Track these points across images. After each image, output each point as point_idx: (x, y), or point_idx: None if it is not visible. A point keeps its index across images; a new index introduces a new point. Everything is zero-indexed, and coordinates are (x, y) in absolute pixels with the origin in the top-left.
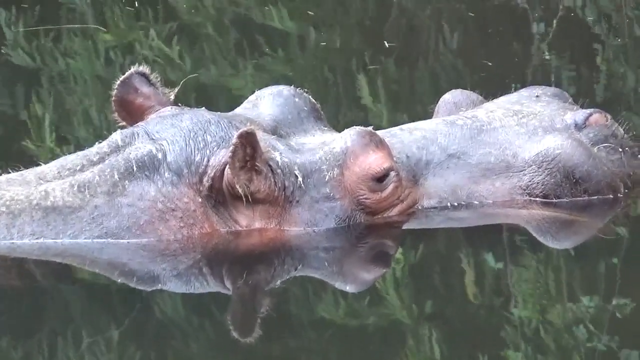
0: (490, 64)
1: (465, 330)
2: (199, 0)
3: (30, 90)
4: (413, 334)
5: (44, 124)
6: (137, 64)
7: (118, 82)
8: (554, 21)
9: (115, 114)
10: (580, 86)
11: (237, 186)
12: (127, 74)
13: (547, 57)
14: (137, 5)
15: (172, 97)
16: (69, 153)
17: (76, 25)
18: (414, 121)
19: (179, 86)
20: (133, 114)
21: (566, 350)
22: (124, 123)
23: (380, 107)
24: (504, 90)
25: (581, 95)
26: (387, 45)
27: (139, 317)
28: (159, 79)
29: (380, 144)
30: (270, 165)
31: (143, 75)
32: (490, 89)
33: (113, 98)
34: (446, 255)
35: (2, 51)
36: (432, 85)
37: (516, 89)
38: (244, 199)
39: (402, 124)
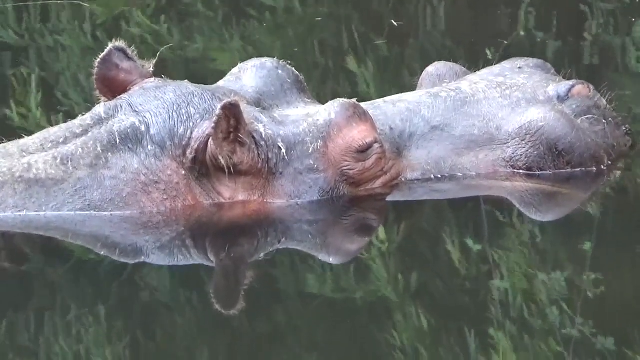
0: (505, 42)
1: (449, 303)
2: None
3: (17, 64)
4: (398, 306)
5: (30, 91)
6: (115, 40)
7: (98, 60)
8: None
9: (97, 92)
10: (564, 55)
11: (220, 157)
12: (105, 51)
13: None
14: None
15: (152, 69)
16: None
17: (63, 1)
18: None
19: (157, 58)
20: (115, 90)
21: (547, 322)
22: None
23: (368, 78)
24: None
25: (565, 65)
26: (395, 24)
27: (122, 290)
28: (135, 53)
29: (364, 116)
30: (253, 137)
31: (121, 50)
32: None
33: (94, 76)
34: (429, 228)
35: None
36: (422, 58)
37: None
38: (226, 171)
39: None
